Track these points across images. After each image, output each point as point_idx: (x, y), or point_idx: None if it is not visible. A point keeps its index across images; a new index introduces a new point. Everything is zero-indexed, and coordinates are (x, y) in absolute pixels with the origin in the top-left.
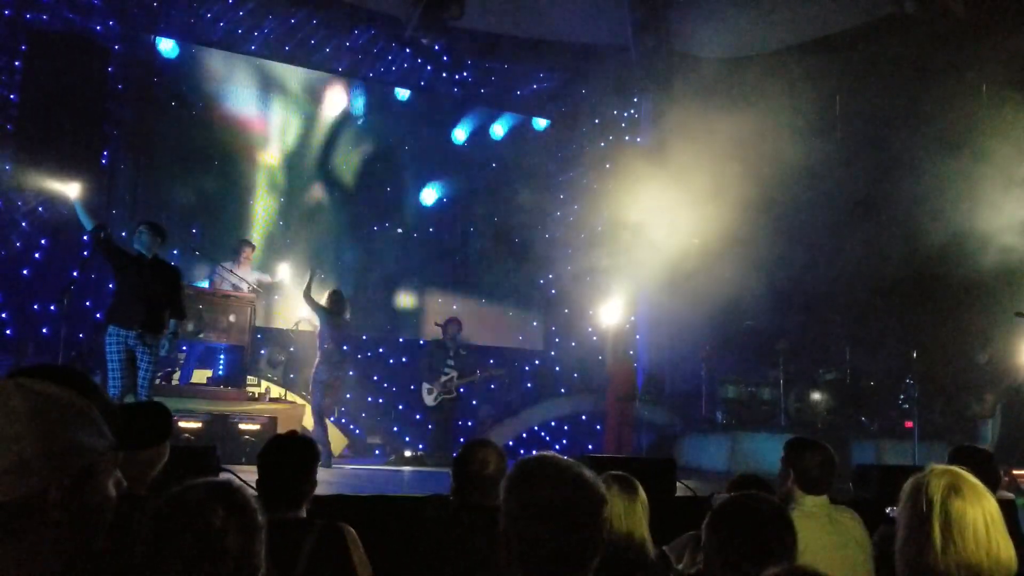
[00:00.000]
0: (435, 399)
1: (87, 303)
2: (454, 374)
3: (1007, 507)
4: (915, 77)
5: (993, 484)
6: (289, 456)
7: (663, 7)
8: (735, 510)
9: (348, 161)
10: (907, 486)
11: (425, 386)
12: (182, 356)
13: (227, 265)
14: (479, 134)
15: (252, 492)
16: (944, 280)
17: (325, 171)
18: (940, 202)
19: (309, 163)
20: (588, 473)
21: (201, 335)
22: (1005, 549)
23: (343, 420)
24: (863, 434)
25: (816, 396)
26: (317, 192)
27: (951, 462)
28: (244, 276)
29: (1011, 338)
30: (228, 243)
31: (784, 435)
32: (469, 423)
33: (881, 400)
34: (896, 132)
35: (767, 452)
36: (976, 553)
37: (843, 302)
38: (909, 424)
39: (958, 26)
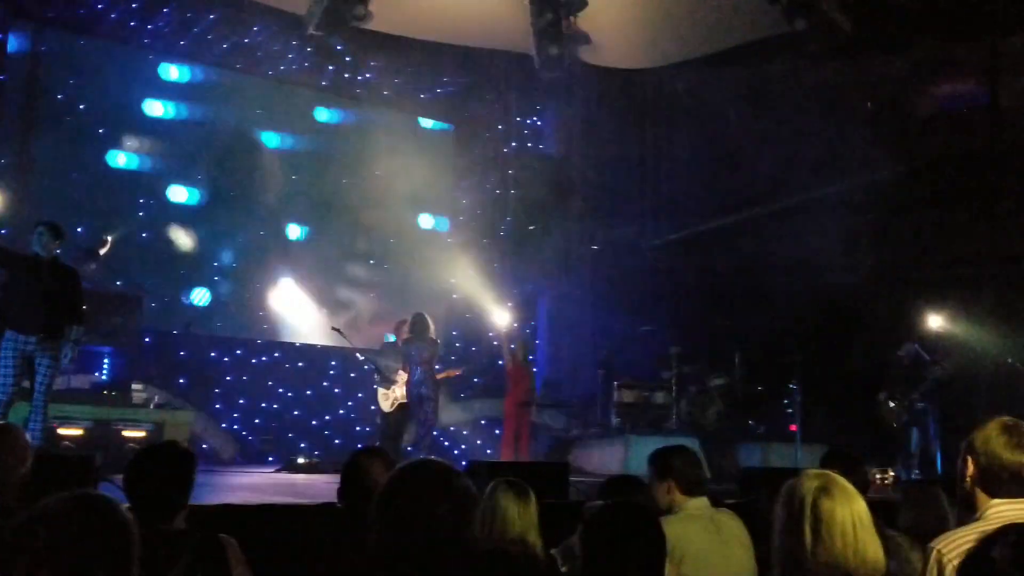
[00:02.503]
0: (391, 404)
1: None
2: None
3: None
4: (802, 94)
5: (862, 487)
6: (159, 464)
7: (566, 16)
8: (605, 520)
9: (240, 161)
10: (783, 489)
11: (380, 391)
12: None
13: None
14: (378, 135)
15: (124, 504)
16: (823, 287)
17: (214, 170)
18: (824, 212)
19: (198, 162)
20: (459, 483)
21: (84, 337)
22: (872, 548)
23: (235, 426)
24: (751, 437)
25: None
26: (205, 192)
27: (823, 466)
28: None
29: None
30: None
31: (676, 438)
32: (367, 429)
33: (769, 404)
34: (783, 144)
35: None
36: (843, 552)
37: (733, 308)
38: (794, 427)
39: (845, 45)
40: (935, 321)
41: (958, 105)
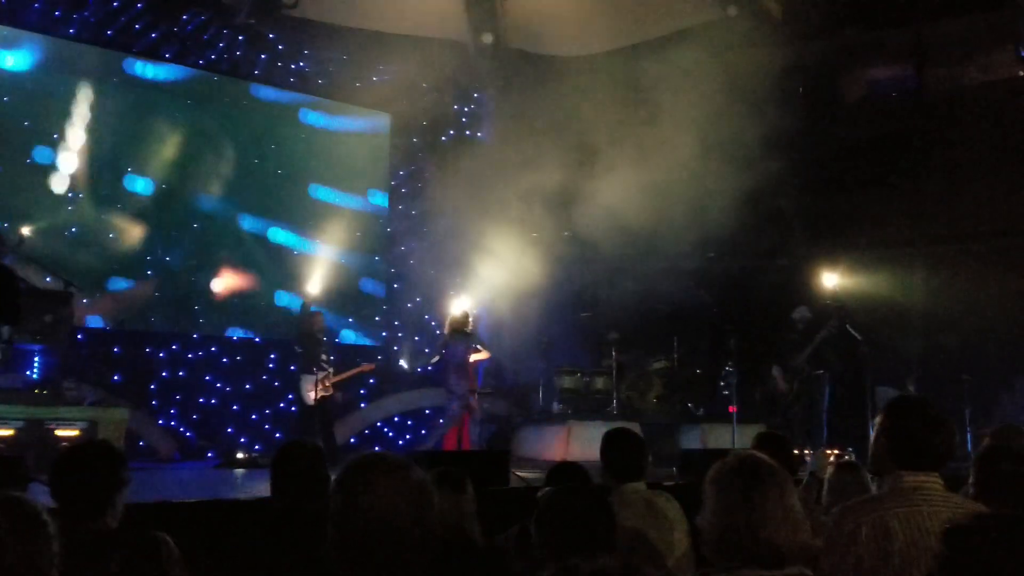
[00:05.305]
0: (316, 396)
1: None
2: (331, 370)
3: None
4: (733, 80)
5: (791, 467)
6: (83, 463)
7: (499, 4)
8: (558, 505)
9: (174, 155)
10: (713, 470)
11: (304, 383)
12: None
13: None
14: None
15: (42, 505)
16: (756, 269)
17: (144, 164)
18: (754, 195)
19: (124, 155)
20: (416, 474)
21: (14, 336)
22: (803, 527)
23: (172, 423)
24: (690, 419)
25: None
26: (135, 187)
27: (755, 448)
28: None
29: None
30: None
31: (617, 422)
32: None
33: (707, 387)
34: (714, 128)
35: (600, 440)
36: (777, 532)
37: (669, 292)
38: (733, 409)
39: (775, 31)
40: (830, 280)
41: (885, 89)
